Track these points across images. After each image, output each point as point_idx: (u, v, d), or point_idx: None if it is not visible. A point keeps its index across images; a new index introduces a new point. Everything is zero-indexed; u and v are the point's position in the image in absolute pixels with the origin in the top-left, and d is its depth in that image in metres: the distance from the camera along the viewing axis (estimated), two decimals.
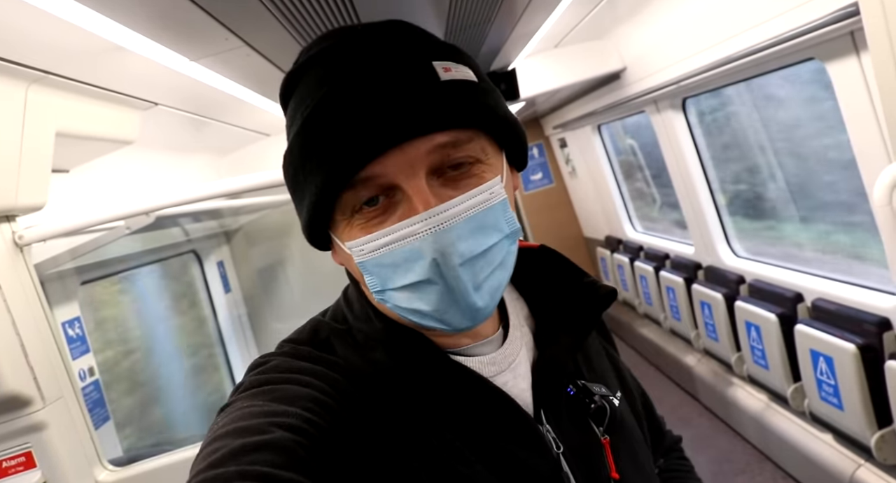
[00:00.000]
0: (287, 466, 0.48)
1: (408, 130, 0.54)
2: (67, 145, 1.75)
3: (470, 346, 0.67)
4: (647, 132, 4.28)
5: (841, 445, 2.66)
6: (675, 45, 3.08)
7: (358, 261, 0.59)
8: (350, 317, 0.68)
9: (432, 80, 0.56)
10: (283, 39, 1.65)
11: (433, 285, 0.57)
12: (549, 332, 0.72)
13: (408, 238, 0.56)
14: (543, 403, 0.67)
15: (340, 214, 0.59)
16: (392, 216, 0.57)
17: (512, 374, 0.67)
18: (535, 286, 0.71)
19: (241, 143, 3.45)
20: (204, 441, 0.53)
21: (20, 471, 1.51)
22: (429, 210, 0.55)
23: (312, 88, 0.58)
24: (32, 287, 1.61)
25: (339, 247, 0.62)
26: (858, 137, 2.24)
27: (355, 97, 0.55)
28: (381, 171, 0.55)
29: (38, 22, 1.26)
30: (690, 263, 4.13)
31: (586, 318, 0.72)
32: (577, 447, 0.66)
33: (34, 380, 1.49)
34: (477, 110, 0.58)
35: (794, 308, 2.94)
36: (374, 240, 0.57)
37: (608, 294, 0.73)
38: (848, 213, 2.81)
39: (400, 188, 0.56)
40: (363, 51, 0.58)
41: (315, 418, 0.54)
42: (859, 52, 2.07)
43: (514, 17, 2.20)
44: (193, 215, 2.87)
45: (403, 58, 0.57)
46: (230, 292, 3.69)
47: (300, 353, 0.64)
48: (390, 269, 0.58)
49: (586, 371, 0.74)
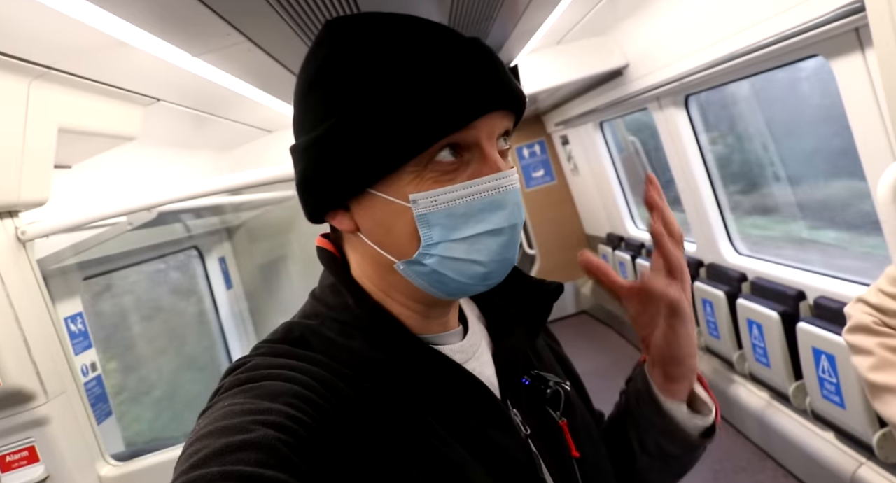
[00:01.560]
0: (271, 465, 0.48)
1: (501, 100, 0.63)
2: (70, 141, 1.75)
3: (439, 334, 0.71)
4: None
5: (842, 444, 2.66)
6: (678, 42, 3.08)
7: (422, 212, 0.62)
8: (323, 310, 0.70)
9: (505, 68, 0.66)
10: (285, 35, 1.65)
11: (498, 237, 0.63)
12: (502, 326, 0.78)
13: (491, 190, 0.63)
14: (507, 390, 0.72)
15: (413, 166, 0.61)
16: (462, 174, 0.63)
17: (478, 362, 0.72)
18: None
19: (243, 139, 3.44)
20: (186, 442, 0.53)
21: (23, 465, 1.52)
22: (504, 171, 0.64)
23: (406, 49, 0.62)
24: (35, 282, 1.61)
25: (385, 203, 0.63)
26: (862, 135, 2.24)
27: (464, 62, 0.62)
28: (474, 130, 0.62)
29: (41, 17, 1.26)
30: (692, 261, 4.13)
31: (538, 311, 0.79)
32: (541, 430, 0.71)
33: (37, 375, 1.50)
34: (524, 101, 0.67)
35: (797, 306, 2.94)
36: (455, 190, 0.62)
37: (556, 288, 0.80)
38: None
39: (479, 148, 0.63)
40: (441, 29, 0.66)
41: (298, 414, 0.54)
42: (864, 48, 2.06)
43: (517, 13, 2.20)
44: (195, 211, 2.87)
45: (483, 44, 0.66)
46: (232, 288, 3.69)
47: (277, 352, 0.64)
48: (461, 220, 0.62)
49: (536, 363, 0.80)
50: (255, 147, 3.58)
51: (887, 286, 1.39)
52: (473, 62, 0.62)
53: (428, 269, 0.64)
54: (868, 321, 1.39)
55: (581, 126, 5.60)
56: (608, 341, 5.73)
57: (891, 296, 1.38)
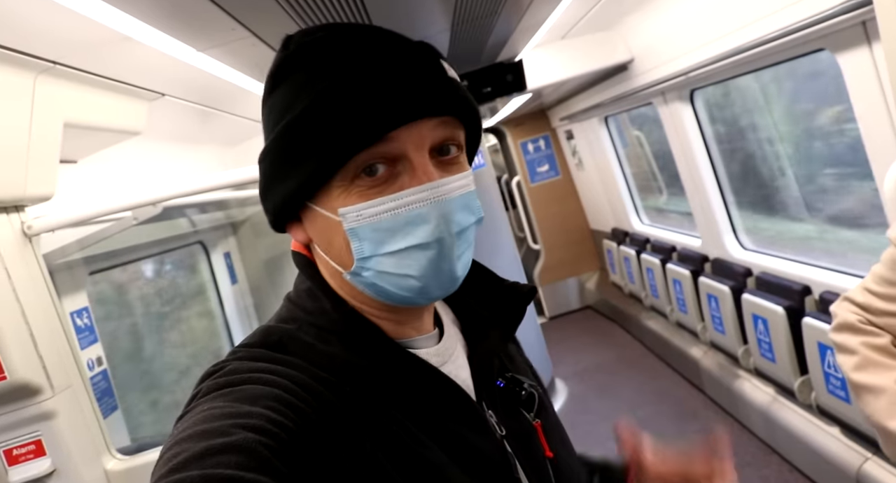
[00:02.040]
0: (252, 468, 0.48)
1: (425, 108, 0.61)
2: (75, 136, 1.75)
3: (415, 338, 0.71)
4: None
5: (848, 439, 2.66)
6: (684, 36, 3.06)
7: (351, 226, 0.62)
8: (300, 314, 0.70)
9: (442, 73, 0.64)
10: (290, 29, 1.65)
11: (427, 251, 0.62)
12: (476, 330, 0.78)
13: (415, 203, 0.61)
14: (482, 393, 0.73)
15: (340, 181, 0.62)
16: (391, 186, 0.62)
17: (454, 365, 0.72)
18: (457, 292, 0.74)
19: (248, 134, 3.45)
20: (164, 446, 0.53)
21: (30, 459, 1.53)
22: (434, 181, 0.62)
23: (329, 64, 0.62)
24: (41, 277, 1.62)
25: (322, 216, 0.64)
26: (869, 129, 2.23)
27: (380, 73, 0.60)
28: (397, 141, 0.60)
29: (47, 13, 1.26)
30: (697, 256, 4.12)
31: (512, 314, 0.79)
32: (515, 431, 0.72)
33: (43, 369, 1.51)
34: (468, 105, 0.66)
35: (802, 301, 2.93)
36: (379, 204, 0.61)
37: (530, 291, 0.80)
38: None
39: (407, 160, 0.62)
40: (378, 38, 0.64)
41: (279, 417, 0.54)
42: (871, 42, 2.05)
43: (521, 8, 2.19)
44: (200, 206, 2.88)
45: (418, 50, 0.65)
46: (237, 284, 3.70)
47: (255, 356, 0.65)
48: (387, 234, 0.62)
49: (509, 366, 0.81)
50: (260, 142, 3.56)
51: (873, 285, 1.37)
52: (394, 72, 0.61)
53: (368, 281, 0.64)
54: (853, 319, 1.37)
55: (586, 121, 5.59)
56: (613, 336, 5.72)
57: (877, 295, 1.35)
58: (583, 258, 6.82)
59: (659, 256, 4.56)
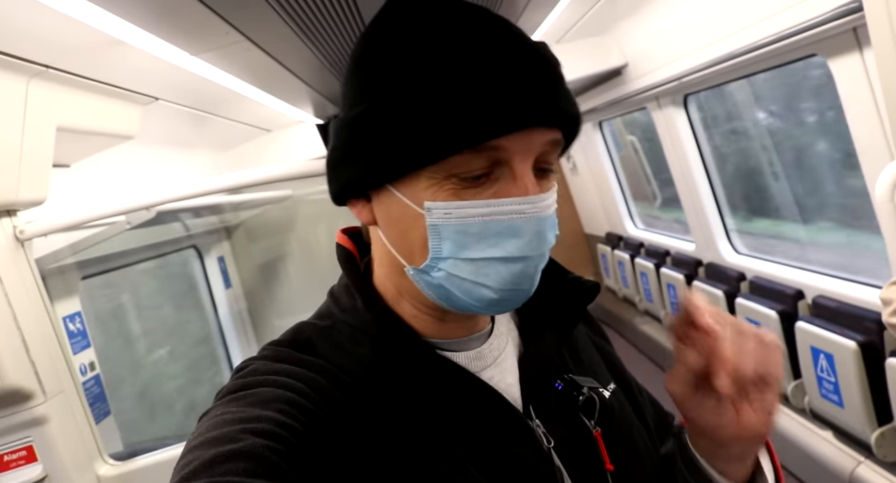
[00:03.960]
0: (259, 474, 0.48)
1: (541, 118, 0.56)
2: (68, 140, 1.75)
3: (458, 339, 0.67)
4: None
5: (841, 443, 2.66)
6: (677, 42, 3.08)
7: (435, 223, 0.58)
8: (336, 311, 0.68)
9: (562, 81, 0.60)
10: (284, 34, 1.65)
11: (512, 265, 0.58)
12: (533, 329, 0.73)
13: (512, 214, 0.57)
14: (532, 398, 0.67)
15: (432, 172, 0.57)
16: (487, 190, 0.57)
17: (498, 368, 0.68)
18: None
19: (242, 138, 3.44)
20: (181, 453, 0.53)
21: (21, 465, 1.52)
22: (535, 195, 0.58)
23: (457, 43, 0.56)
24: (33, 281, 1.61)
25: (401, 203, 0.60)
26: (861, 134, 2.24)
27: (507, 70, 0.55)
28: (507, 145, 0.56)
29: (39, 16, 1.26)
30: (691, 260, 4.13)
31: (571, 313, 0.73)
32: (569, 441, 0.66)
33: (35, 374, 1.50)
34: (577, 120, 0.62)
35: (795, 305, 2.94)
36: (473, 207, 0.57)
37: (591, 288, 0.74)
38: None
39: (510, 167, 0.57)
40: (503, 27, 0.59)
41: (289, 420, 0.54)
42: (862, 48, 2.06)
43: (516, 13, 2.20)
44: (194, 210, 2.87)
45: (542, 51, 0.59)
46: (231, 288, 3.69)
47: (279, 356, 0.63)
48: (473, 239, 0.57)
49: (573, 365, 0.74)
50: (254, 146, 3.58)
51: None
52: (517, 71, 0.56)
53: (435, 282, 0.60)
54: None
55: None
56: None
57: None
58: (577, 262, 6.82)
59: (653, 261, 4.57)
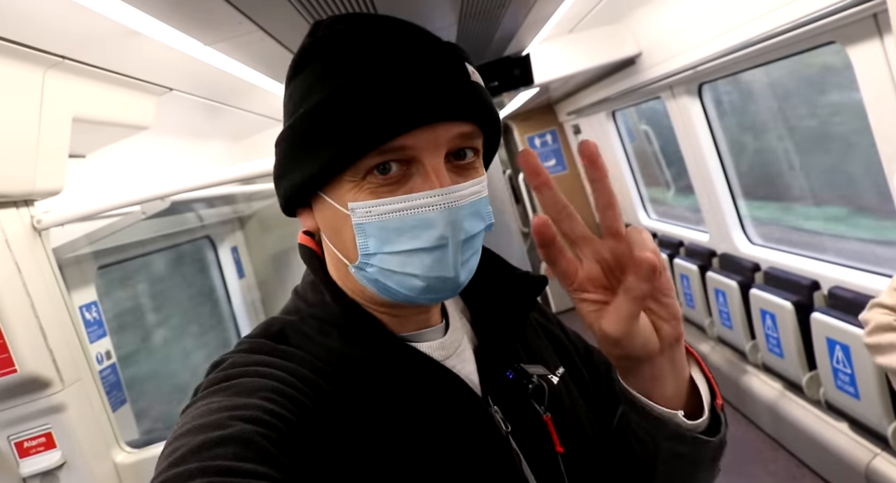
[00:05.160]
0: (249, 458, 0.49)
1: (444, 112, 0.60)
2: (84, 130, 1.76)
3: (418, 332, 0.71)
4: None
5: (856, 434, 2.65)
6: (692, 30, 3.04)
7: (359, 221, 0.62)
8: (303, 306, 0.71)
9: (465, 76, 0.63)
10: (297, 23, 1.65)
11: (432, 253, 0.61)
12: (485, 322, 0.77)
13: (424, 207, 0.60)
14: (489, 387, 0.71)
15: (351, 175, 0.61)
16: (402, 186, 0.61)
17: (459, 358, 0.71)
18: (468, 283, 0.71)
19: (255, 128, 3.45)
20: (166, 442, 0.54)
21: (41, 451, 1.54)
22: (446, 187, 0.61)
23: (351, 58, 0.61)
24: (51, 271, 1.63)
25: (332, 207, 0.64)
26: (880, 122, 2.21)
27: (400, 72, 0.59)
28: (412, 143, 0.59)
29: (55, 7, 1.26)
30: (705, 251, 4.10)
31: (522, 305, 0.78)
32: (523, 426, 0.70)
33: (53, 362, 1.52)
34: (488, 112, 0.65)
35: (811, 296, 2.92)
36: (389, 204, 0.61)
37: (539, 282, 0.79)
38: None
39: (420, 163, 0.61)
40: (403, 34, 0.63)
41: (275, 408, 0.55)
42: (882, 35, 2.03)
43: (529, 1, 2.18)
44: (208, 201, 2.88)
45: (443, 50, 0.63)
46: (244, 278, 3.71)
47: (256, 348, 0.66)
48: (394, 234, 0.61)
49: (524, 355, 0.77)
50: (268, 136, 3.58)
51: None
52: (412, 72, 0.59)
53: (371, 277, 0.64)
54: (889, 320, 1.47)
55: (593, 115, 5.57)
56: None
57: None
58: None
59: (666, 251, 4.55)
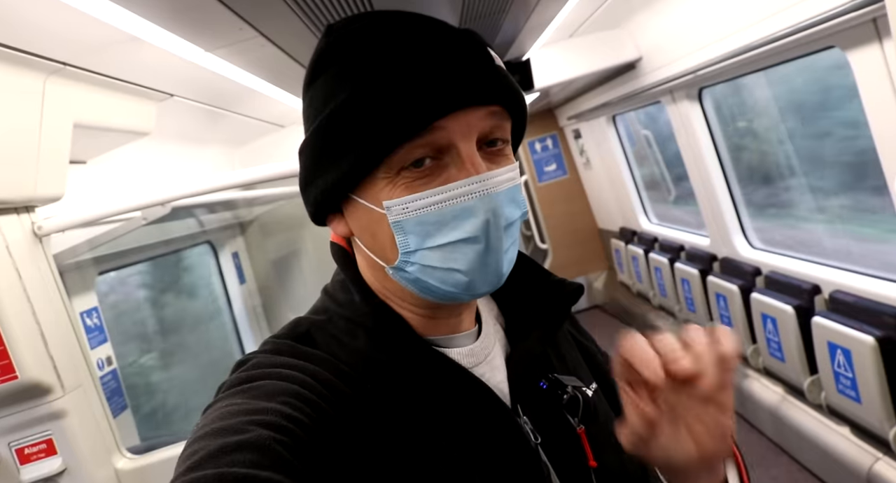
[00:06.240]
0: (265, 465, 0.49)
1: (474, 96, 0.59)
2: (85, 136, 1.76)
3: (450, 336, 0.69)
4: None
5: (858, 439, 2.64)
6: (692, 34, 3.05)
7: (396, 220, 0.60)
8: (332, 306, 0.70)
9: (489, 60, 0.62)
10: (297, 30, 1.65)
11: (475, 245, 0.60)
12: (519, 329, 0.75)
13: (463, 196, 0.59)
14: (519, 396, 0.69)
15: (385, 173, 0.60)
16: (438, 177, 0.60)
17: (489, 366, 0.69)
18: (503, 287, 0.71)
19: (256, 134, 3.45)
20: (186, 442, 0.54)
21: (41, 458, 1.54)
22: (483, 174, 0.59)
23: (371, 54, 0.60)
24: (51, 277, 1.63)
25: (366, 208, 0.62)
26: (880, 127, 2.21)
27: (425, 60, 0.58)
28: (442, 131, 0.58)
29: (56, 14, 1.26)
30: (706, 255, 4.10)
31: (556, 314, 0.75)
32: (554, 438, 0.68)
33: (54, 368, 1.51)
34: (516, 94, 0.64)
35: (812, 300, 2.91)
36: (426, 197, 0.59)
37: (575, 290, 0.76)
38: None
39: (455, 149, 0.59)
40: (421, 25, 0.62)
41: (294, 412, 0.55)
42: (882, 39, 2.03)
43: (529, 6, 2.19)
44: (209, 206, 2.89)
45: (463, 37, 0.62)
46: (245, 283, 3.71)
47: (280, 349, 0.65)
48: (434, 227, 0.60)
49: (558, 365, 0.76)
50: (268, 142, 3.59)
51: None
52: (436, 60, 0.58)
53: (412, 277, 0.62)
54: None
55: (594, 120, 5.57)
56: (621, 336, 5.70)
57: None
58: (590, 257, 6.80)
59: (667, 255, 4.54)
